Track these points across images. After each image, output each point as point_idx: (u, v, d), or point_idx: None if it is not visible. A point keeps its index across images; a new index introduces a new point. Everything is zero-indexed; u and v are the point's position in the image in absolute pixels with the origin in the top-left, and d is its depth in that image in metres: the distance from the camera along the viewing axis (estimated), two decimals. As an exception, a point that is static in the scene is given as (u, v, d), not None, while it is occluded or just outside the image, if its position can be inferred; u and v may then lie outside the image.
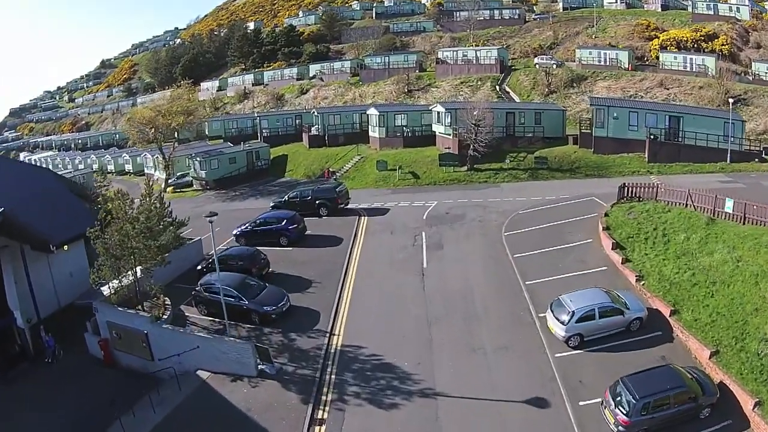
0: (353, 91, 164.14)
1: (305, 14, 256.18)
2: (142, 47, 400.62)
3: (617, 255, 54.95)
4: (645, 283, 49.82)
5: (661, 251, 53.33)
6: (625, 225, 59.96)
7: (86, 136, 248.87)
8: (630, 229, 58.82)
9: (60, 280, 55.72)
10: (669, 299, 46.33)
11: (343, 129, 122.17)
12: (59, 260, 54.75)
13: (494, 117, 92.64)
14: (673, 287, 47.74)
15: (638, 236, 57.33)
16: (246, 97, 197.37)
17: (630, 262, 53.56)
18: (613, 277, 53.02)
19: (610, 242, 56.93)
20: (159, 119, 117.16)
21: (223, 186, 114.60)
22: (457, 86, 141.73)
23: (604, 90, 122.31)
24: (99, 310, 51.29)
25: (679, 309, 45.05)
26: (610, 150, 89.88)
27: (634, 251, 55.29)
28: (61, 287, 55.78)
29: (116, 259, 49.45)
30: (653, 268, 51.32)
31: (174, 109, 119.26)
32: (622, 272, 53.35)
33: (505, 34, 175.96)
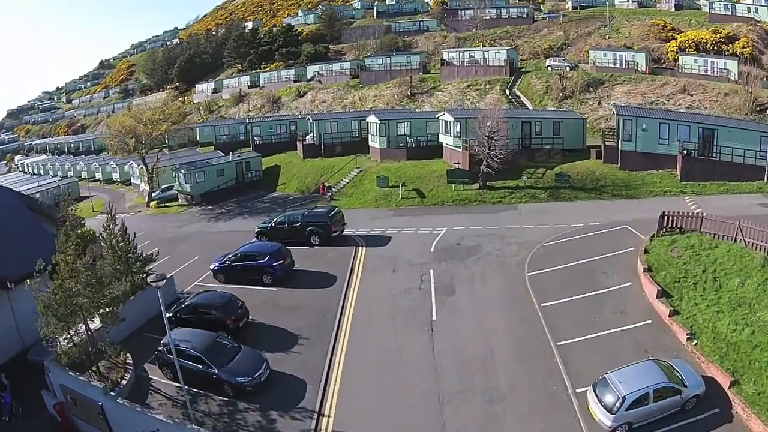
0: (353, 95, 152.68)
1: (304, 13, 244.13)
2: (140, 47, 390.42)
3: (663, 305, 45.08)
4: (697, 343, 40.64)
5: (714, 300, 43.78)
6: (669, 265, 49.61)
7: (78, 139, 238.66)
8: (675, 271, 48.51)
9: (24, 318, 45.75)
10: (727, 366, 37.46)
11: (341, 137, 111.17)
12: (21, 296, 44.67)
13: (509, 127, 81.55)
14: (731, 349, 38.70)
15: (685, 280, 47.18)
16: (241, 99, 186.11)
17: (678, 315, 43.84)
18: (659, 333, 43.39)
19: (654, 288, 46.85)
20: (140, 128, 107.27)
21: (210, 200, 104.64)
22: (464, 90, 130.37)
23: (623, 95, 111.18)
24: (51, 371, 41.84)
25: (738, 379, 36.25)
26: (638, 166, 79.78)
27: (681, 300, 45.34)
28: (26, 325, 45.60)
29: (58, 319, 39.30)
30: (706, 323, 41.80)
31: (156, 117, 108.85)
32: (669, 327, 43.59)
33: (512, 34, 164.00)
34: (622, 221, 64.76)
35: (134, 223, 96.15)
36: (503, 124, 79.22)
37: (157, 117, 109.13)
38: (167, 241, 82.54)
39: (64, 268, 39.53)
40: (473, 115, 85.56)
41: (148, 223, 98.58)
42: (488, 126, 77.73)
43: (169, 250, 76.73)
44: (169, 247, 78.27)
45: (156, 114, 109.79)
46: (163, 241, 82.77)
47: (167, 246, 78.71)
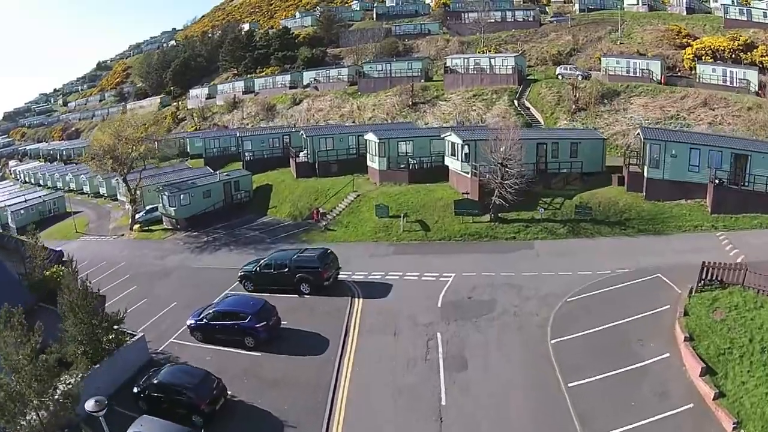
0: (351, 103, 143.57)
1: (302, 15, 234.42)
2: (137, 49, 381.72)
3: (707, 386, 38.08)
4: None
5: (762, 379, 36.94)
6: (712, 331, 42.35)
7: (70, 146, 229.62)
8: (719, 340, 41.38)
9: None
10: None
11: (337, 155, 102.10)
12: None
13: (522, 150, 72.07)
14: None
15: (731, 352, 40.20)
16: (235, 106, 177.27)
17: (724, 397, 36.91)
18: (702, 421, 36.39)
19: (697, 365, 39.73)
20: (119, 147, 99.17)
21: (196, 225, 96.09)
22: (469, 100, 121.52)
23: (640, 109, 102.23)
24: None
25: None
26: (665, 195, 71.39)
27: (727, 377, 38.49)
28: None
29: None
30: (754, 408, 35.11)
31: (137, 135, 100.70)
32: (714, 414, 36.58)
33: (519, 39, 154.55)
34: (652, 266, 56.88)
35: (115, 250, 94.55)
36: (517, 147, 70.10)
37: (138, 135, 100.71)
38: (146, 277, 75.64)
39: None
40: (483, 136, 76.55)
41: (130, 251, 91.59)
42: (501, 151, 68.85)
43: (146, 290, 70.39)
44: (148, 286, 71.82)
45: (138, 131, 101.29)
46: (142, 276, 76.40)
47: (146, 284, 72.83)
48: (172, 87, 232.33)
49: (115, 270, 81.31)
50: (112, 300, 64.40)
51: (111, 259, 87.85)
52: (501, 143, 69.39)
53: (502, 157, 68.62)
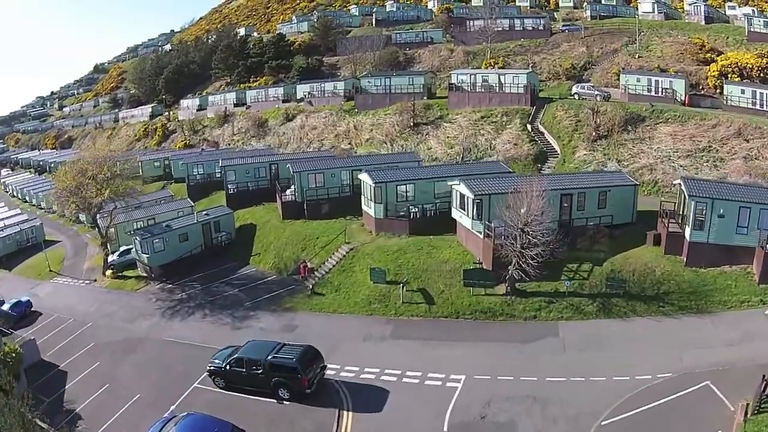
0: (347, 121, 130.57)
1: (298, 20, 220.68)
2: (134, 52, 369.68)
3: None
4: None
5: None
6: None
7: (57, 158, 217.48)
8: None
9: None
10: None
11: (328, 194, 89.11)
12: None
13: (547, 206, 58.56)
14: None
15: None
16: (226, 120, 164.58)
17: None
18: None
19: None
20: (87, 187, 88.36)
21: (172, 273, 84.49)
22: (477, 122, 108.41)
23: (668, 138, 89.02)
24: None
25: None
26: (708, 260, 59.33)
27: None
28: None
29: None
30: None
31: (104, 175, 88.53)
32: None
33: (528, 49, 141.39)
34: (698, 368, 46.07)
35: (86, 302, 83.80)
36: (542, 206, 56.66)
37: (104, 174, 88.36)
38: (111, 350, 65.15)
39: None
40: (499, 187, 63.82)
41: (99, 307, 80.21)
42: (521, 213, 55.80)
43: (110, 369, 60.57)
44: (111, 364, 61.65)
45: (103, 171, 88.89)
46: (107, 348, 66.00)
47: (109, 360, 62.55)
48: (165, 95, 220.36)
49: (81, 333, 71.74)
50: (74, 380, 59.21)
51: (80, 315, 77.60)
52: (521, 203, 56.03)
53: (522, 221, 55.40)
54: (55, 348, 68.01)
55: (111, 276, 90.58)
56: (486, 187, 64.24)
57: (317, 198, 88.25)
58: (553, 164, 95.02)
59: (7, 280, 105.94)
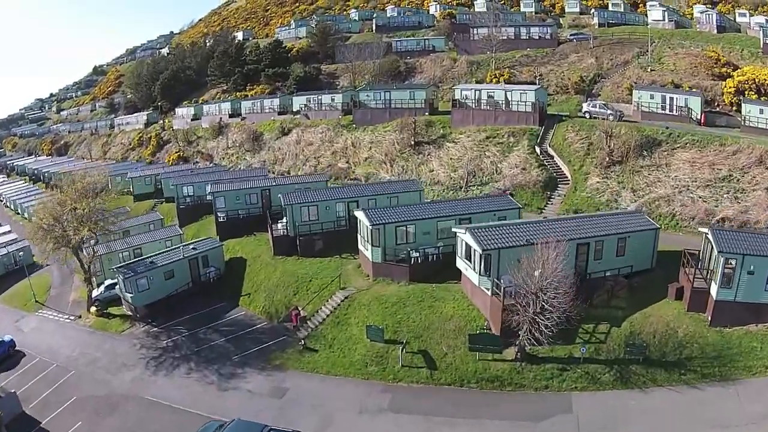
0: (345, 138, 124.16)
1: (297, 24, 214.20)
2: (132, 55, 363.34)
3: None
4: None
5: None
6: None
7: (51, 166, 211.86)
8: None
9: None
10: None
11: (322, 227, 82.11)
12: None
13: (563, 257, 51.55)
14: None
15: None
16: (221, 132, 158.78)
17: None
18: None
19: None
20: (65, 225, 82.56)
21: (158, 313, 78.82)
22: (482, 143, 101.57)
23: (686, 165, 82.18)
24: None
25: None
26: (733, 319, 53.54)
27: None
28: None
29: None
30: None
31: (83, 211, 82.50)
32: None
33: (535, 60, 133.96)
34: None
35: (69, 345, 77.37)
36: (560, 269, 50.02)
37: (84, 210, 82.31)
38: (92, 406, 60.53)
39: None
40: (507, 240, 56.86)
41: (81, 351, 74.42)
42: (536, 276, 49.22)
43: None
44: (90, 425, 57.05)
45: (83, 206, 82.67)
46: (87, 404, 61.18)
47: (88, 422, 57.55)
48: (161, 102, 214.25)
49: (64, 382, 66.73)
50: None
51: (63, 360, 72.50)
52: (536, 265, 49.43)
53: (536, 285, 48.83)
54: (38, 399, 63.15)
55: (95, 314, 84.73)
56: (495, 238, 56.91)
57: (311, 232, 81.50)
58: (563, 192, 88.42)
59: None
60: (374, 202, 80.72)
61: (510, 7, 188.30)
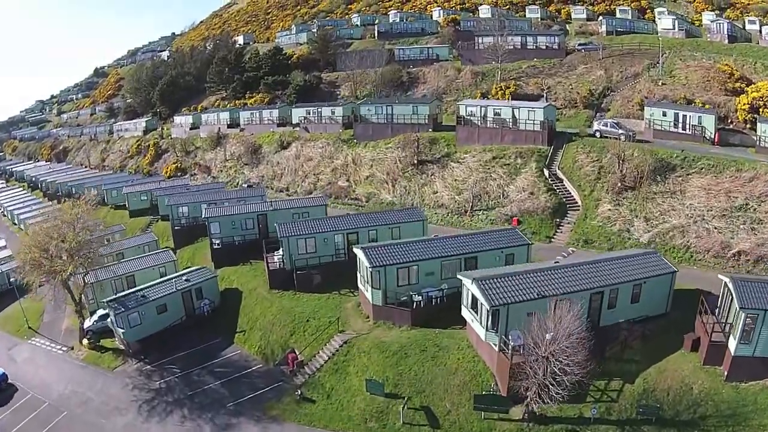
0: (345, 154, 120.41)
1: (298, 29, 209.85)
2: (133, 57, 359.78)
3: None
4: None
5: None
6: None
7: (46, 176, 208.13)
8: None
9: None
10: None
11: (320, 261, 77.84)
12: None
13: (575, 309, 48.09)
14: None
15: None
16: (219, 143, 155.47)
17: None
18: None
19: None
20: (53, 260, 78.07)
21: (151, 349, 75.25)
22: (488, 164, 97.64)
23: (701, 193, 78.15)
24: None
25: None
26: (750, 374, 49.64)
27: None
28: None
29: None
30: None
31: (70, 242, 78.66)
32: None
33: (542, 71, 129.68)
34: None
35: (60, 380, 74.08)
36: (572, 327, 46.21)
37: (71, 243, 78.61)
38: None
39: None
40: (518, 293, 52.47)
41: (74, 389, 70.99)
42: (547, 339, 45.41)
43: None
44: None
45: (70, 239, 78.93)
46: None
47: None
48: (160, 108, 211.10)
49: (55, 425, 63.84)
50: None
51: (55, 398, 69.34)
52: (547, 326, 45.78)
53: (548, 349, 45.04)
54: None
55: (88, 346, 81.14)
56: (504, 292, 52.47)
57: (308, 266, 77.33)
58: (573, 219, 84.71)
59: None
60: (375, 233, 77.38)
61: (515, 12, 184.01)
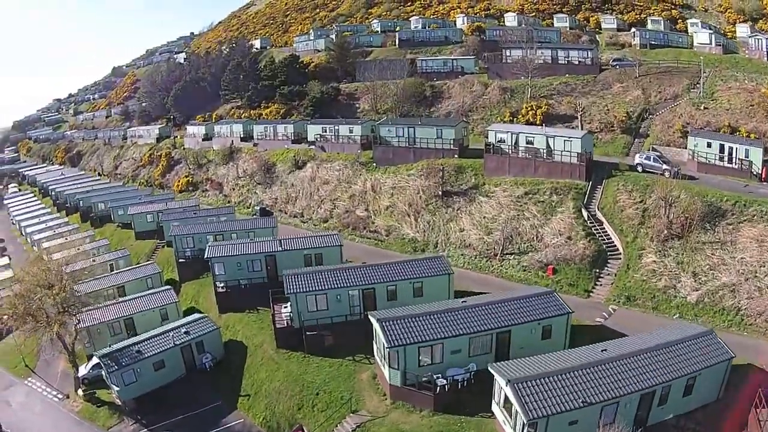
0: (363, 179, 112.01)
1: (316, 35, 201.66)
2: (149, 58, 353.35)
3: None
4: None
5: None
6: None
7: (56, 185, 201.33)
8: None
9: None
10: None
11: (332, 320, 69.22)
12: None
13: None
14: None
15: None
16: (231, 158, 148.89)
17: None
18: None
19: None
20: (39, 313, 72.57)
21: (147, 408, 69.16)
22: (520, 199, 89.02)
23: (753, 245, 69.23)
24: None
25: None
26: None
27: None
28: None
29: None
30: None
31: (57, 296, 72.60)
32: None
33: (575, 89, 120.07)
34: None
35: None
36: None
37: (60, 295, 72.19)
38: None
39: None
40: (559, 402, 43.70)
41: None
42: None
43: None
44: None
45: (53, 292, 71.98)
46: None
47: None
48: (174, 114, 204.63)
49: None
50: None
51: None
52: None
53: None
54: None
55: (83, 398, 74.98)
56: (544, 397, 44.01)
57: (318, 325, 68.89)
58: (614, 270, 75.94)
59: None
60: (394, 289, 68.96)
61: (542, 20, 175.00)
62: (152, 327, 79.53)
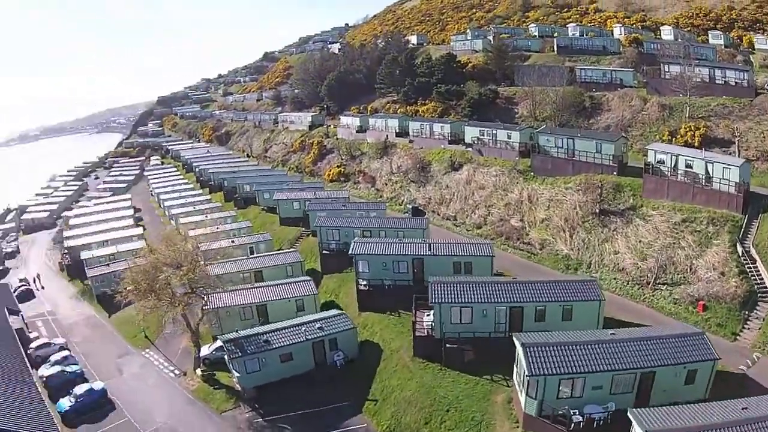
0: (520, 188, 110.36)
1: (473, 35, 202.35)
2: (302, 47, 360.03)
3: None
4: None
5: None
6: None
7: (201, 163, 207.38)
8: None
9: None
10: None
11: (474, 334, 68.31)
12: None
13: None
14: None
15: None
16: (386, 152, 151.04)
17: None
18: None
19: None
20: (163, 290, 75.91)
21: (267, 399, 70.67)
22: (676, 227, 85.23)
23: None
24: None
25: None
26: None
27: None
28: None
29: None
30: None
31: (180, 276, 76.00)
32: None
33: (732, 112, 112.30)
34: None
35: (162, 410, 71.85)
36: None
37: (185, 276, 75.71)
38: None
39: None
40: None
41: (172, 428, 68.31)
42: None
43: None
44: None
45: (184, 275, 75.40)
46: None
47: None
48: (327, 103, 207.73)
49: None
50: None
51: None
52: None
53: None
54: None
55: (201, 378, 77.64)
56: None
57: (460, 338, 68.34)
58: (763, 313, 70.54)
59: (105, 333, 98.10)
60: (543, 311, 67.60)
61: (696, 35, 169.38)
62: (287, 317, 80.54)
